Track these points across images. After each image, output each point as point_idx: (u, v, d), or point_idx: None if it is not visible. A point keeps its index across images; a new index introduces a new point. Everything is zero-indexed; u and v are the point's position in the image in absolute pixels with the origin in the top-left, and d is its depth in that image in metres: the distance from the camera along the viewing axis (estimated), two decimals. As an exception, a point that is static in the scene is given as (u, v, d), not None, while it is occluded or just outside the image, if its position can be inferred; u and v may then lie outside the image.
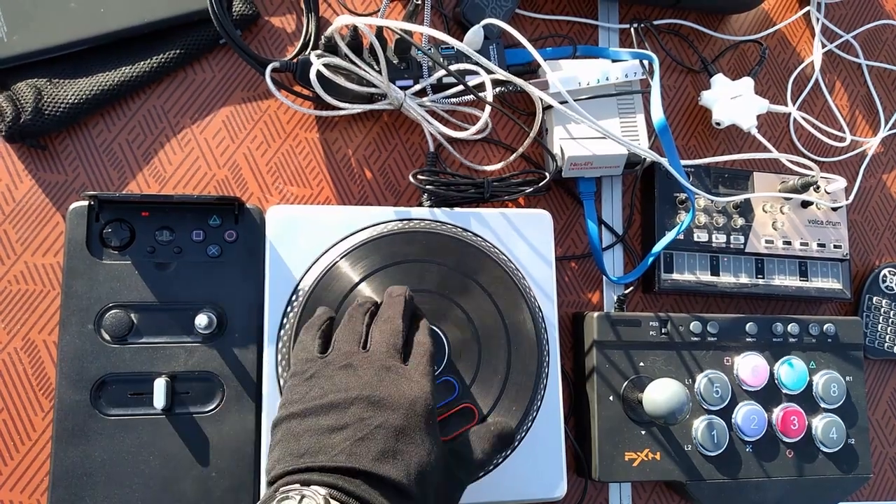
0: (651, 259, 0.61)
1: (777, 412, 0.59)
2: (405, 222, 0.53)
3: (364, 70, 0.55)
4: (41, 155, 0.56)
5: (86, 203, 0.51)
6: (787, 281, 0.64)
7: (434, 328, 0.51)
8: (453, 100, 0.60)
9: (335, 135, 0.60)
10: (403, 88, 0.58)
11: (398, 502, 0.37)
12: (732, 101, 0.64)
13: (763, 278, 0.64)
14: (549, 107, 0.58)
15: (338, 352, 0.42)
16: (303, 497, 0.34)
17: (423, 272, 0.52)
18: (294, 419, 0.40)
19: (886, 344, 0.67)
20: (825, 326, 0.61)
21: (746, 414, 0.58)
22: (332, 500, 0.35)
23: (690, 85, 0.69)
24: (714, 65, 0.69)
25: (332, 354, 0.42)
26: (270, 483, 0.38)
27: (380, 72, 0.55)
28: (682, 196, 0.63)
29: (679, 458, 0.56)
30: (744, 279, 0.63)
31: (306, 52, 0.58)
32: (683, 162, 0.61)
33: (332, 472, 0.37)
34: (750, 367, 0.58)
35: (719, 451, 0.57)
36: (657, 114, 0.58)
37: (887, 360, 0.68)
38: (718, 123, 0.65)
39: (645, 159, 0.60)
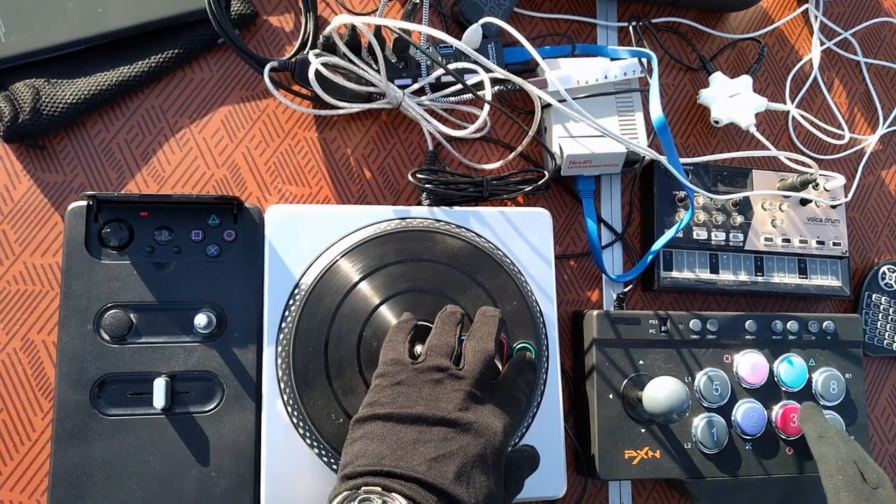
0: (650, 257, 0.61)
1: (777, 410, 0.59)
2: (404, 221, 0.53)
3: (362, 69, 0.55)
4: (40, 155, 0.55)
5: (84, 203, 0.51)
6: (786, 278, 0.64)
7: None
8: (452, 98, 0.60)
9: (334, 134, 0.60)
10: (402, 87, 0.58)
11: None
12: (731, 99, 0.64)
13: (762, 276, 0.64)
14: (548, 105, 0.58)
15: (430, 363, 0.42)
16: (384, 503, 0.35)
17: (423, 271, 0.52)
18: (378, 420, 0.40)
19: (885, 341, 0.67)
20: (824, 324, 0.61)
21: (746, 411, 0.58)
22: None
23: (689, 83, 0.69)
24: (712, 63, 0.69)
25: (423, 364, 0.42)
26: (347, 478, 0.38)
27: (378, 71, 0.55)
28: (681, 194, 0.63)
29: (679, 456, 0.56)
30: (743, 277, 0.63)
31: (305, 52, 0.58)
32: (682, 160, 0.61)
33: (411, 481, 0.37)
34: (749, 364, 0.58)
35: (719, 449, 0.57)
36: (656, 112, 0.58)
37: (886, 357, 0.68)
38: (717, 121, 0.65)
39: (644, 157, 0.60)
